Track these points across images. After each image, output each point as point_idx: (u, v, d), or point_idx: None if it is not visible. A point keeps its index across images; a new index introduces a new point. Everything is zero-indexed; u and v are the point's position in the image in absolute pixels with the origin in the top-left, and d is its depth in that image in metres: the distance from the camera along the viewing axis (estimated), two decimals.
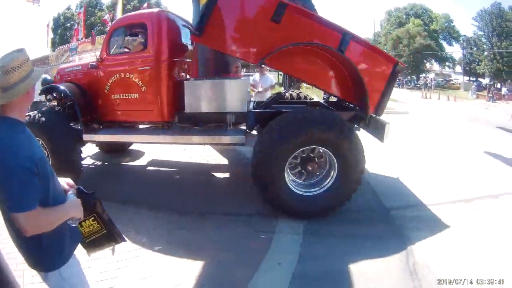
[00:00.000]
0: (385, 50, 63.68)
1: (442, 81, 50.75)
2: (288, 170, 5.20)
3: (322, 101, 7.56)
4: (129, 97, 5.96)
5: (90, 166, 8.00)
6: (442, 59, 60.07)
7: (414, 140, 10.63)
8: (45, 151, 5.19)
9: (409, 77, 53.42)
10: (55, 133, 5.71)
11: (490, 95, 35.41)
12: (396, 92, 36.13)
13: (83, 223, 2.26)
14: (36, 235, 1.92)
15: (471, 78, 53.87)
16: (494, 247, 4.30)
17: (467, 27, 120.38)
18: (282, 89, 13.08)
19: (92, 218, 2.29)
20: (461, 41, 56.71)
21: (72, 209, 2.09)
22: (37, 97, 7.35)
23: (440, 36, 59.42)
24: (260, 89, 9.97)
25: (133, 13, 6.49)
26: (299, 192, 5.20)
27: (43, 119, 5.74)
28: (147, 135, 6.34)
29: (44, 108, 5.93)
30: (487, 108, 25.85)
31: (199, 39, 5.18)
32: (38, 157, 1.91)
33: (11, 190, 1.82)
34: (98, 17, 29.35)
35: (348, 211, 5.26)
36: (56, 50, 22.83)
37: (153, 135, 6.22)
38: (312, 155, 5.28)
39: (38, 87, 6.73)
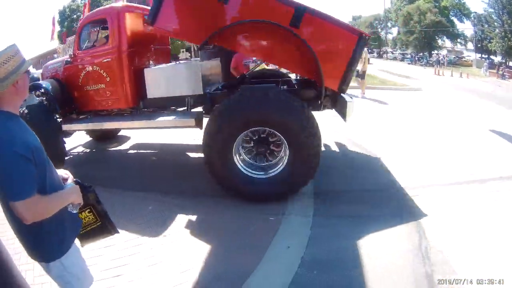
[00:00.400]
0: (396, 27, 64.04)
1: (454, 58, 49.71)
2: (240, 152, 5.25)
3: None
4: (98, 87, 6.40)
5: (80, 153, 8.21)
6: (454, 36, 58.74)
7: (427, 118, 10.38)
8: None
9: (421, 54, 52.43)
10: (38, 125, 4.86)
11: (501, 72, 34.61)
12: (409, 69, 36.01)
13: (79, 214, 2.30)
14: (36, 225, 1.92)
15: (483, 56, 52.74)
16: None
17: (477, 3, 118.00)
18: None
19: (88, 210, 2.35)
20: (472, 18, 55.39)
21: (71, 194, 2.12)
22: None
23: (450, 13, 57.98)
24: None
25: (96, 9, 6.88)
26: (250, 174, 5.17)
27: (28, 113, 5.97)
28: (115, 121, 6.61)
29: (28, 104, 6.18)
30: (500, 86, 25.30)
31: (153, 26, 5.30)
32: (33, 145, 1.93)
33: (8, 178, 1.83)
34: None
35: (361, 191, 5.19)
36: (66, 42, 22.56)
37: (119, 121, 6.58)
38: (270, 138, 5.20)
39: None
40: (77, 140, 8.37)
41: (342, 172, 5.92)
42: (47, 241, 2.09)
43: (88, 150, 8.39)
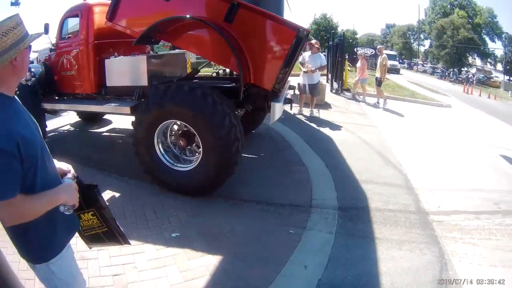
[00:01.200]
0: (429, 39, 63.04)
1: (483, 77, 48.79)
2: (160, 144, 5.36)
3: None
4: (71, 74, 7.14)
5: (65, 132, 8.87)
6: (485, 55, 57.59)
7: (457, 137, 9.74)
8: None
9: (451, 70, 51.50)
10: (23, 103, 5.88)
11: None
12: (438, 83, 35.23)
13: (82, 215, 2.10)
14: (23, 224, 1.75)
15: (511, 78, 51.58)
16: None
17: (510, 24, 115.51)
18: None
19: (91, 212, 2.10)
20: (504, 39, 54.31)
21: (63, 194, 1.87)
22: None
23: (483, 31, 56.80)
24: (304, 69, 9.50)
25: (73, 5, 7.41)
26: (172, 167, 5.30)
27: (18, 92, 5.96)
28: (80, 104, 7.34)
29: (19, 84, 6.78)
30: None
31: (111, 23, 5.99)
32: (20, 136, 1.66)
33: None
34: None
35: (384, 211, 4.82)
36: None
37: (82, 105, 7.25)
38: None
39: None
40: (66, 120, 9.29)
41: (367, 187, 5.52)
42: (34, 242, 1.89)
43: (75, 130, 8.99)
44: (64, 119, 9.31)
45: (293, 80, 7.68)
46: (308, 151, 6.88)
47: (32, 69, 7.42)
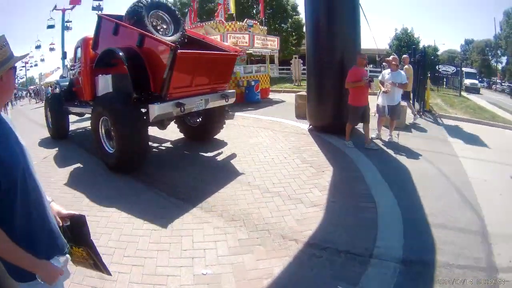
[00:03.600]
0: (506, 56, 58.59)
1: None
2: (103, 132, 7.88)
3: None
4: (79, 86, 10.05)
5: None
6: None
7: None
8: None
9: None
10: (52, 107, 11.43)
11: None
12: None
13: (74, 247, 2.25)
14: None
15: None
16: None
17: None
18: None
19: (82, 249, 2.26)
20: None
21: (43, 271, 1.92)
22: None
23: None
24: (384, 89, 8.78)
25: (79, 38, 10.11)
26: (107, 149, 7.77)
27: (49, 99, 12.30)
28: (82, 108, 10.47)
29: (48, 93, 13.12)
30: None
31: (95, 52, 8.68)
32: None
33: None
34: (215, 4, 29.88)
35: (453, 267, 3.90)
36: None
37: (83, 108, 10.42)
38: None
39: None
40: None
41: (440, 234, 4.55)
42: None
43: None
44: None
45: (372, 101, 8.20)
46: (381, 184, 6.11)
47: (60, 83, 12.22)
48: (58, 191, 6.70)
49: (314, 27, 9.93)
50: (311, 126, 10.40)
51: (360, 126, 9.15)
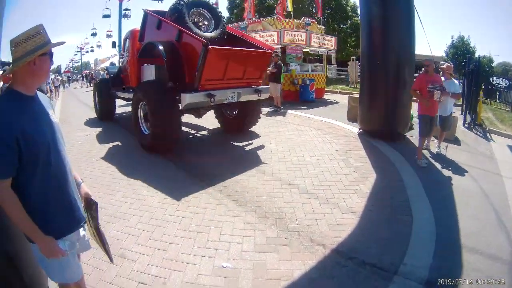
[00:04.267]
0: None
1: None
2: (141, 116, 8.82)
3: None
4: (126, 73, 11.17)
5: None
6: None
7: None
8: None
9: None
10: (100, 91, 13.11)
11: None
12: None
13: (86, 224, 2.55)
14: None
15: None
16: None
17: None
18: None
19: (92, 228, 2.58)
20: None
21: (41, 242, 2.15)
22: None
23: None
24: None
25: (128, 31, 11.60)
26: (144, 131, 8.71)
27: (97, 83, 14.04)
28: (127, 93, 11.32)
29: (100, 78, 15.88)
30: None
31: (140, 43, 9.77)
32: (20, 131, 1.97)
33: None
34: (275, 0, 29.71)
35: None
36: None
37: (128, 93, 11.28)
38: None
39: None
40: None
41: (470, 258, 4.11)
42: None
43: None
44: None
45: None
46: (421, 197, 5.78)
47: (110, 69, 14.53)
48: (98, 171, 6.99)
49: (368, 30, 9.80)
50: (361, 130, 10.16)
51: (411, 135, 8.92)
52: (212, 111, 10.38)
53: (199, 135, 10.55)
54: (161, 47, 8.09)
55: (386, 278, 3.69)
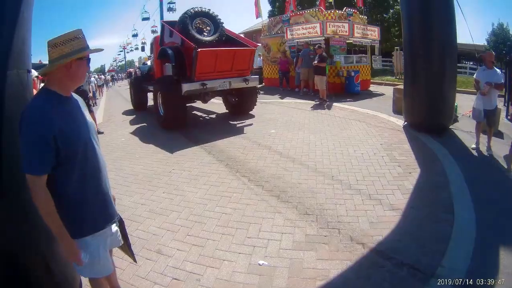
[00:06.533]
0: None
1: None
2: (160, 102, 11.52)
3: None
4: (153, 71, 14.31)
5: None
6: None
7: None
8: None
9: None
10: (134, 86, 16.56)
11: None
12: None
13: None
14: (56, 204, 2.14)
15: None
16: None
17: None
18: None
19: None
20: None
21: (65, 245, 2.23)
22: None
23: None
24: (483, 89, 7.56)
25: (153, 37, 15.55)
26: (161, 114, 11.50)
27: (132, 80, 18.12)
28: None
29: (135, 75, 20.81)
30: None
31: (161, 47, 12.52)
32: (58, 129, 2.06)
33: (25, 151, 2.05)
34: None
35: None
36: (268, 21, 22.99)
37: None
38: None
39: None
40: None
41: (508, 261, 3.81)
42: (65, 221, 2.20)
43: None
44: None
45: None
46: (464, 196, 5.47)
47: (141, 68, 17.89)
48: (140, 167, 7.20)
49: (408, 19, 9.60)
50: (406, 123, 9.90)
51: (456, 127, 8.75)
52: (221, 99, 13.91)
53: (238, 127, 10.92)
54: (170, 52, 11.10)
55: (422, 280, 3.55)
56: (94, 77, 29.17)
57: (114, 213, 2.57)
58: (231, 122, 11.80)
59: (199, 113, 14.20)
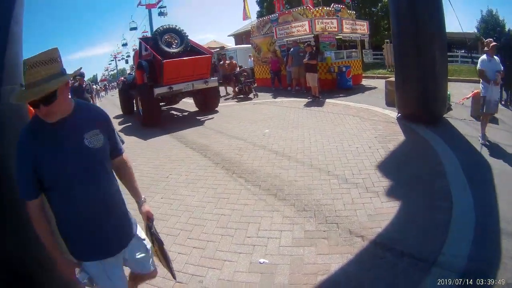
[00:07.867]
0: None
1: None
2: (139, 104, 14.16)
3: None
4: (136, 80, 15.02)
5: None
6: None
7: None
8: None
9: None
10: (121, 93, 18.81)
11: None
12: None
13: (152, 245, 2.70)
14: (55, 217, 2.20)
15: None
16: None
17: None
18: None
19: (155, 248, 2.70)
20: None
21: (60, 264, 2.20)
22: None
23: None
24: (495, 79, 7.45)
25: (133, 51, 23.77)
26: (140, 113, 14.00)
27: (120, 87, 20.23)
28: None
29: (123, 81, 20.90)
30: None
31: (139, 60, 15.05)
32: (33, 158, 2.01)
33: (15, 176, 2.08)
34: None
35: (509, 286, 3.38)
36: (257, 21, 23.01)
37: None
38: None
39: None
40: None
41: (509, 245, 3.87)
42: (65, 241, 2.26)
43: None
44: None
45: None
46: (461, 182, 5.49)
47: (128, 77, 18.56)
48: (138, 174, 7.04)
49: (396, 10, 9.56)
50: (399, 114, 9.91)
51: (450, 116, 8.81)
52: (192, 99, 16.34)
53: (233, 129, 10.70)
54: (144, 64, 13.50)
55: (423, 269, 3.54)
56: (94, 86, 28.63)
57: (111, 249, 2.30)
58: (225, 124, 11.79)
59: (198, 117, 14.36)
